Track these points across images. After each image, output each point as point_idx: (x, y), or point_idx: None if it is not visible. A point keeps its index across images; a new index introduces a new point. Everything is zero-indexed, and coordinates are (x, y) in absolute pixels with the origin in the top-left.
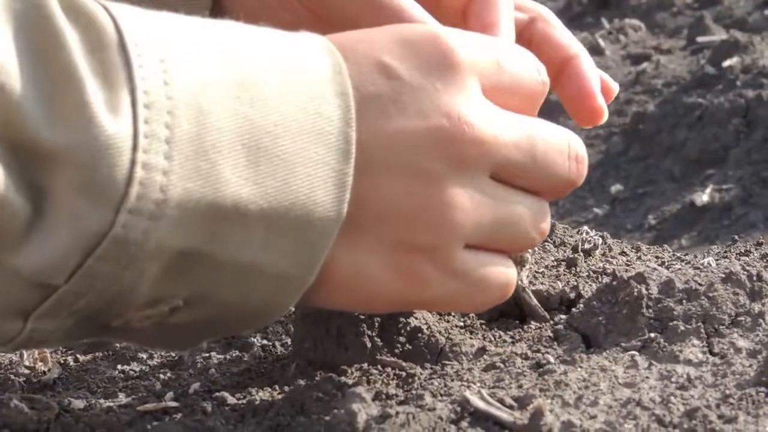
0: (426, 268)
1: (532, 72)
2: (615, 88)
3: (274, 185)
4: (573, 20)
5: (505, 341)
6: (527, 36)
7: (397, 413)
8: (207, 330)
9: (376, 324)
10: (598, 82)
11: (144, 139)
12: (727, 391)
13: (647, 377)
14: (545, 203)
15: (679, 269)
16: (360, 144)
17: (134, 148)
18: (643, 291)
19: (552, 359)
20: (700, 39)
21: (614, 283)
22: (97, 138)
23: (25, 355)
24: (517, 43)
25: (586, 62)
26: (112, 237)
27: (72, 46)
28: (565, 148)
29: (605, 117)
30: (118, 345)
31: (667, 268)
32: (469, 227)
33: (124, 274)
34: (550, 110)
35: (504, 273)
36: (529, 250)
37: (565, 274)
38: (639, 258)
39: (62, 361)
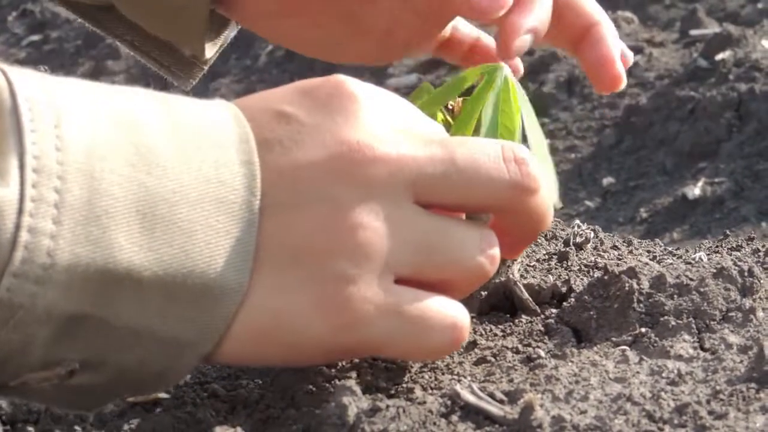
0: (354, 301)
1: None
2: (630, 57)
3: (171, 252)
4: None
5: (495, 335)
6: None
7: (388, 406)
8: (110, 392)
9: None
10: (618, 50)
11: (30, 203)
12: (718, 387)
13: (638, 372)
14: (490, 231)
15: (671, 264)
16: (266, 187)
17: (20, 211)
18: (635, 286)
19: (543, 353)
20: (693, 32)
21: (605, 277)
22: None
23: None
24: None
25: (607, 30)
26: None
27: None
28: (496, 152)
29: (624, 83)
30: None
31: (659, 262)
32: (391, 254)
33: (12, 338)
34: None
35: (448, 314)
36: None
37: (556, 268)
38: (630, 252)
39: None
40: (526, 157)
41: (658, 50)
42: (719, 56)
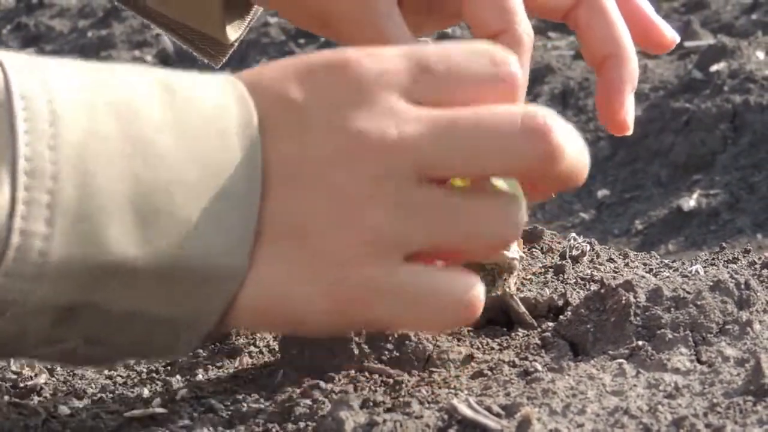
0: (359, 286)
1: (479, 66)
2: (672, 39)
3: (167, 242)
4: (560, 24)
5: (492, 348)
6: (573, 20)
7: (385, 421)
8: (117, 359)
9: (364, 331)
10: (629, 90)
11: (22, 206)
12: (715, 400)
13: (635, 385)
14: (511, 196)
15: (667, 277)
16: (273, 166)
17: (11, 215)
18: (631, 299)
19: (540, 367)
20: (688, 44)
21: (602, 290)
22: None
23: (12, 361)
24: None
25: (621, 66)
26: None
27: None
28: (513, 122)
29: (629, 131)
30: None
31: (655, 275)
32: (397, 236)
33: (9, 328)
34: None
35: (459, 290)
36: (517, 258)
37: (552, 281)
38: (627, 265)
39: (49, 367)
40: (549, 126)
41: (652, 62)
42: (714, 68)
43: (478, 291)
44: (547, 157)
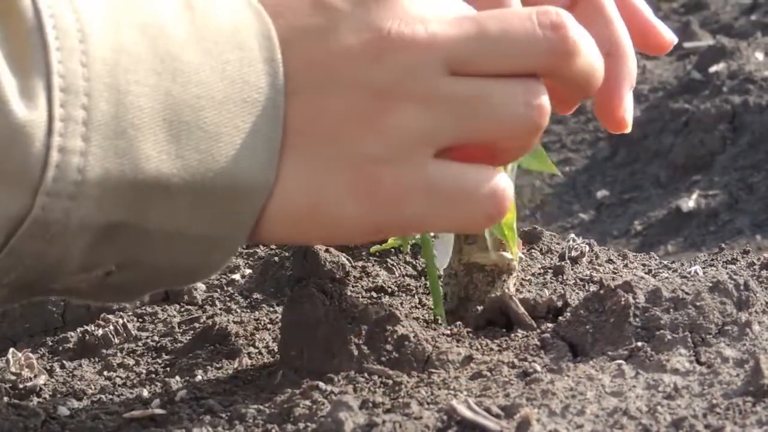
0: (390, 183)
1: None
2: (671, 40)
3: (197, 157)
4: None
5: (491, 349)
6: (574, 15)
7: (384, 422)
8: (147, 286)
9: (363, 332)
10: (627, 88)
11: (59, 122)
12: (714, 401)
13: (634, 386)
14: (536, 80)
15: (667, 278)
16: (300, 72)
17: (49, 132)
18: (630, 300)
19: (539, 368)
20: (687, 44)
21: (601, 291)
22: (8, 126)
23: (11, 362)
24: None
25: (619, 64)
26: (32, 218)
27: None
28: (530, 20)
29: (628, 128)
30: (104, 351)
31: (654, 276)
32: (426, 131)
33: (50, 251)
34: None
35: (490, 184)
36: (516, 259)
37: (551, 282)
38: (626, 266)
39: (48, 368)
40: (563, 21)
41: (651, 63)
42: (713, 68)
43: (507, 184)
44: (564, 51)
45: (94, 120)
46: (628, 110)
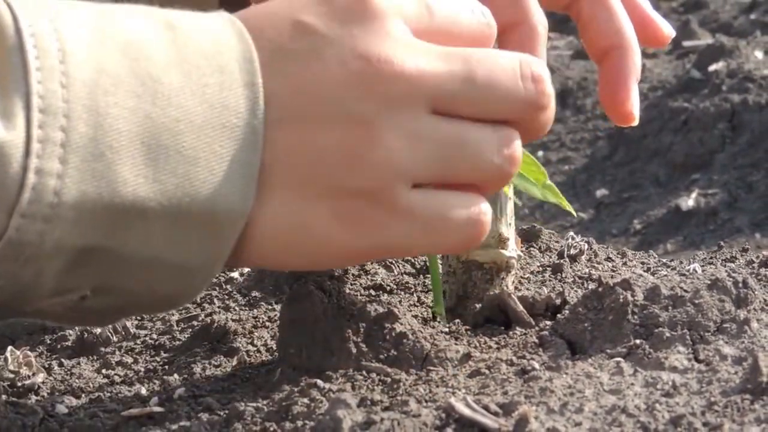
0: (372, 212)
1: (468, 14)
2: (669, 33)
3: (175, 182)
4: (558, 23)
5: (490, 347)
6: (576, 12)
7: (382, 419)
8: (123, 312)
9: (362, 330)
10: (633, 81)
11: (37, 144)
12: (713, 399)
13: (632, 384)
14: (510, 129)
15: (665, 276)
16: (284, 99)
17: (27, 153)
18: (629, 297)
19: (537, 365)
20: (686, 43)
21: (600, 289)
22: None
23: (10, 359)
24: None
25: (625, 57)
26: (6, 240)
27: None
28: (513, 69)
29: (635, 121)
30: (102, 349)
31: (653, 274)
32: (409, 165)
33: (24, 273)
34: None
35: (467, 210)
36: (515, 256)
37: (550, 280)
38: (625, 264)
39: (47, 366)
40: (542, 75)
41: (651, 61)
42: (712, 67)
43: (485, 209)
44: (539, 105)
45: (72, 142)
46: (635, 104)
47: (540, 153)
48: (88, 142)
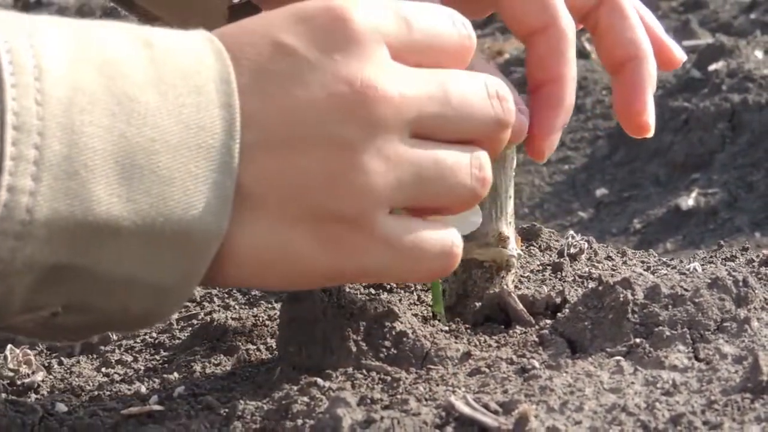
0: (352, 236)
1: (448, 26)
2: (681, 57)
3: (149, 201)
4: None
5: (490, 346)
6: (593, 22)
7: (382, 418)
8: (95, 329)
9: (362, 328)
10: (650, 92)
11: (10, 161)
12: (713, 397)
13: (632, 383)
14: (480, 150)
15: (665, 274)
16: (264, 121)
17: None
18: (629, 296)
19: (537, 364)
20: (686, 43)
21: (600, 288)
22: None
23: (9, 358)
24: (583, 27)
25: (641, 67)
26: None
27: None
28: (481, 90)
29: (651, 132)
30: (102, 348)
31: (653, 273)
32: (389, 190)
33: None
34: None
35: (440, 242)
36: (515, 255)
37: (550, 279)
38: (625, 263)
39: (46, 364)
40: (505, 94)
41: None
42: (712, 67)
43: (458, 241)
44: (505, 122)
45: (46, 160)
46: (651, 115)
47: None
48: (62, 160)
